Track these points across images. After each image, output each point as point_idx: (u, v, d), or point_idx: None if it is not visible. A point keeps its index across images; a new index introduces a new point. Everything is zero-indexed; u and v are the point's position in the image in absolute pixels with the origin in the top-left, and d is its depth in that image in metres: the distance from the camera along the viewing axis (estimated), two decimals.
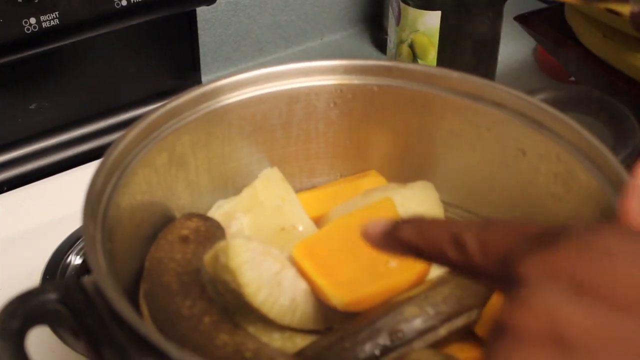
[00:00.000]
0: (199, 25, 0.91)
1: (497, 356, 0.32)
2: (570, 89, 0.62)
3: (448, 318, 0.52)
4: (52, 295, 0.43)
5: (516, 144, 0.59)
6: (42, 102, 0.82)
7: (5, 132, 0.81)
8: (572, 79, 0.92)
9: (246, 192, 0.61)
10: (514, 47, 1.02)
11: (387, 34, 0.87)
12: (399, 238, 0.39)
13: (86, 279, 0.44)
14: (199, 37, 0.91)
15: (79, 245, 0.71)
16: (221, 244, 0.50)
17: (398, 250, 0.40)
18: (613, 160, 0.53)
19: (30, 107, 0.82)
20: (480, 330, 0.53)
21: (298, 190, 0.63)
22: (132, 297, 0.53)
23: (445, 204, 0.63)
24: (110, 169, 0.51)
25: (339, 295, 0.51)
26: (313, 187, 0.65)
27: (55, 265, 0.71)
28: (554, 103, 0.58)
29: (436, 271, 0.56)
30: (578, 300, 0.31)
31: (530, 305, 0.32)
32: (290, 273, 0.53)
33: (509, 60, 1.01)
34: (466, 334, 0.53)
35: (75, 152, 0.85)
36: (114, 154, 0.51)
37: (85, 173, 0.50)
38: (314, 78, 0.61)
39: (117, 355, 0.40)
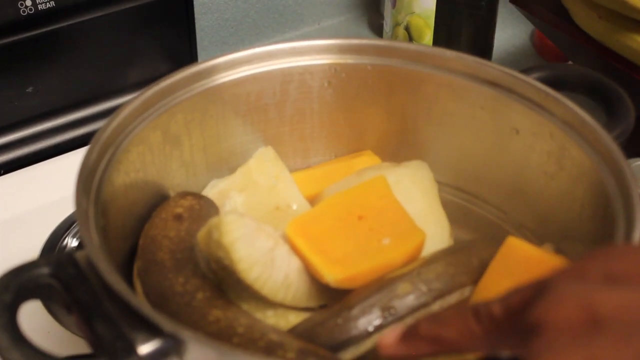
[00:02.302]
0: (196, 9, 0.91)
1: (536, 355, 0.32)
2: (564, 68, 0.62)
3: (440, 295, 0.52)
4: (45, 270, 0.44)
5: (510, 123, 0.59)
6: (39, 86, 0.82)
7: (1, 115, 0.81)
8: (570, 63, 0.92)
9: (240, 171, 0.61)
10: (511, 31, 1.02)
11: (384, 18, 0.87)
12: (420, 334, 0.39)
13: (79, 254, 0.45)
14: (196, 21, 0.91)
15: (76, 227, 0.71)
16: (214, 220, 0.50)
17: (422, 349, 0.39)
18: (606, 137, 0.53)
19: (27, 90, 0.82)
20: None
21: (293, 170, 0.64)
22: (126, 274, 0.53)
23: (440, 183, 0.63)
24: (103, 145, 0.51)
25: (332, 272, 0.51)
26: (308, 167, 0.65)
27: (52, 247, 0.71)
28: (548, 82, 0.58)
29: (429, 248, 0.56)
30: (607, 287, 0.32)
31: (560, 298, 0.32)
32: (284, 250, 0.53)
33: (506, 44, 1.01)
34: None
35: (72, 136, 0.85)
36: (107, 130, 0.51)
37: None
38: (308, 57, 0.61)
39: (109, 329, 0.40)
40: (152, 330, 0.40)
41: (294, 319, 0.53)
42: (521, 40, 1.03)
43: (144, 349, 0.40)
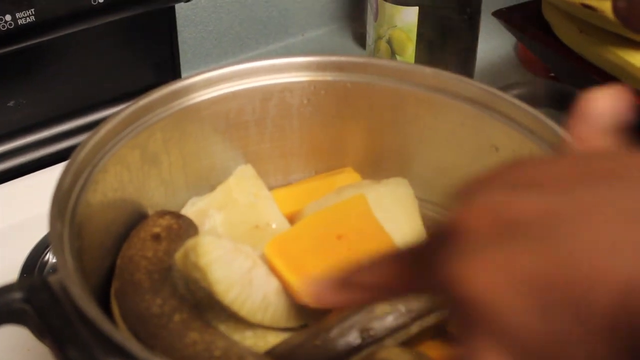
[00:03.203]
0: (179, 22, 0.90)
1: (449, 267, 0.30)
2: (544, 84, 0.62)
3: (419, 315, 0.52)
4: (17, 295, 0.43)
5: (489, 140, 0.59)
6: (20, 100, 0.82)
7: None
8: (553, 74, 0.92)
9: (220, 189, 0.61)
10: (495, 42, 1.02)
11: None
12: (349, 282, 0.37)
13: (52, 278, 0.44)
14: (179, 34, 0.90)
15: None
16: (191, 242, 0.50)
17: (352, 296, 0.37)
18: None
19: (9, 104, 0.81)
20: (453, 328, 0.53)
21: (273, 187, 0.63)
22: (103, 295, 0.53)
23: (421, 200, 0.62)
24: (80, 166, 0.50)
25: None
26: (288, 184, 0.65)
27: (33, 263, 0.70)
28: (528, 98, 0.58)
29: None
30: (518, 192, 0.30)
31: (470, 206, 0.31)
32: (262, 271, 0.52)
33: (490, 55, 1.01)
34: (438, 332, 0.53)
35: (54, 149, 0.85)
36: (83, 151, 0.51)
37: None
38: (287, 74, 0.61)
39: (82, 355, 0.40)
40: (125, 357, 0.40)
41: (273, 339, 0.53)
42: (505, 51, 1.03)
43: None
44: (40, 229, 0.71)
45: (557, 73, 0.83)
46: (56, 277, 0.44)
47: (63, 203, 0.48)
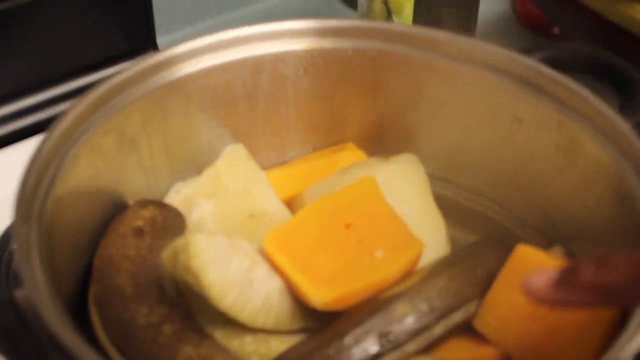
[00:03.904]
0: None
1: None
2: (569, 48, 0.55)
3: (444, 314, 0.45)
4: None
5: (511, 112, 0.52)
6: None
7: None
8: (557, 30, 0.86)
9: (207, 174, 0.54)
10: None
11: None
12: (581, 280, 0.36)
13: (19, 294, 0.37)
14: None
15: None
16: (181, 241, 0.43)
17: (579, 297, 0.36)
18: (625, 129, 0.46)
19: None
20: (480, 324, 0.47)
21: (267, 167, 0.57)
22: (79, 302, 0.46)
23: (431, 176, 0.56)
24: (46, 159, 0.44)
25: (319, 294, 0.45)
26: (284, 163, 0.58)
27: (3, 248, 0.64)
28: (552, 64, 0.51)
29: (425, 257, 0.49)
30: None
31: None
32: (262, 269, 0.46)
33: (485, 12, 0.94)
34: (463, 330, 0.47)
35: (24, 124, 0.78)
36: (49, 141, 0.44)
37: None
38: (280, 42, 0.53)
39: None
40: None
41: (276, 344, 0.47)
42: (501, 7, 0.97)
43: None
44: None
45: (568, 31, 0.76)
46: (23, 293, 0.37)
47: (28, 204, 0.41)
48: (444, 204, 0.55)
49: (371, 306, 0.45)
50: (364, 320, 0.44)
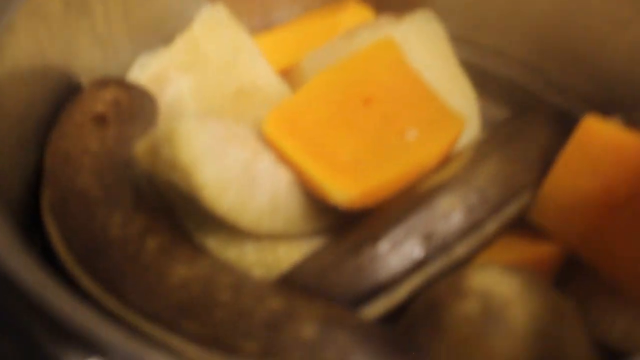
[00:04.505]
0: None
1: None
2: None
3: (497, 207, 0.36)
4: None
5: None
6: None
7: None
8: None
9: (182, 43, 0.43)
10: None
11: None
12: None
13: None
14: None
15: None
16: (162, 131, 0.33)
17: None
18: None
19: None
20: (538, 216, 0.37)
21: (250, 34, 0.46)
22: (31, 209, 0.36)
23: (450, 39, 0.46)
24: None
25: (342, 187, 0.35)
26: (270, 26, 0.47)
27: None
28: None
29: (466, 137, 0.40)
30: None
31: None
32: (265, 161, 0.36)
33: None
34: (513, 226, 0.38)
35: None
36: None
37: None
38: None
39: (19, 348, 0.24)
40: (85, 348, 0.23)
41: (285, 252, 0.37)
42: None
43: None
44: None
45: None
46: None
47: None
48: (465, 70, 0.45)
49: (408, 201, 0.35)
50: (402, 219, 0.35)
